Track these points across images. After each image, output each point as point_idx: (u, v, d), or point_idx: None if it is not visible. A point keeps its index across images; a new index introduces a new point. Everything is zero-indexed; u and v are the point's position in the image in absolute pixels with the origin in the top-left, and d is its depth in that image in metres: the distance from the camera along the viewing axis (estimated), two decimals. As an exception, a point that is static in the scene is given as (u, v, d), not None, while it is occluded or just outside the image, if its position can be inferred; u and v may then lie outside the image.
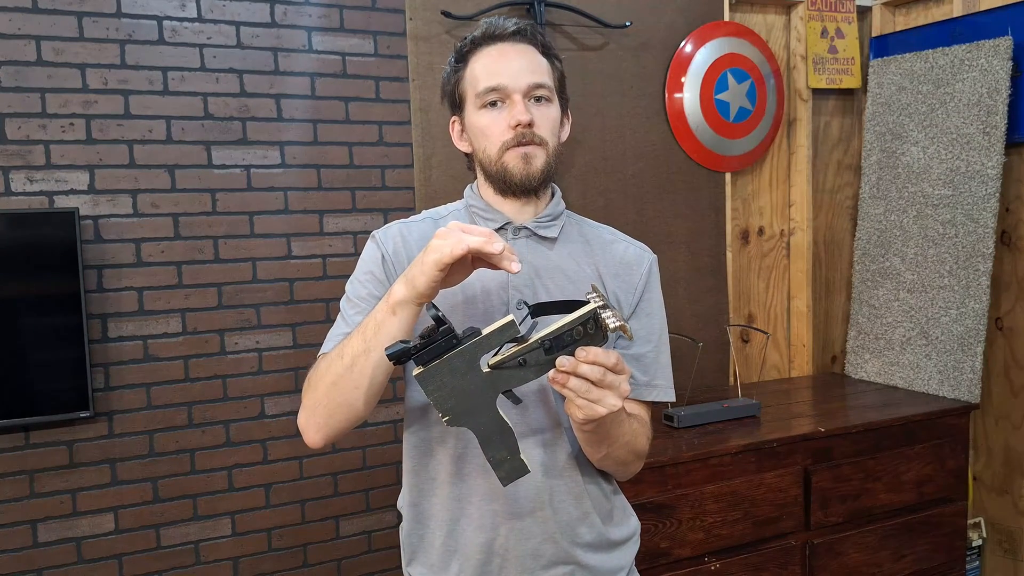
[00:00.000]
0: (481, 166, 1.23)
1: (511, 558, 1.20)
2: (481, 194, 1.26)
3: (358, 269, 1.25)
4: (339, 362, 1.08)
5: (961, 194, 2.48)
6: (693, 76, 2.55)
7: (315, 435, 1.15)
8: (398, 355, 0.96)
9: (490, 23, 1.21)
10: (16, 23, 1.83)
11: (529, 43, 1.21)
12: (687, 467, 1.99)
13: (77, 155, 1.90)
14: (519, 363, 0.97)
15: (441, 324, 0.94)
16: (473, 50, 1.21)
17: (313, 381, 1.14)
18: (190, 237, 2.01)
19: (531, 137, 1.17)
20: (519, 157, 1.18)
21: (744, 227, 2.76)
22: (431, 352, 0.95)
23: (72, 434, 1.92)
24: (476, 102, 1.20)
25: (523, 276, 1.21)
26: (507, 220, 1.23)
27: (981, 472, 2.69)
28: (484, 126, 1.19)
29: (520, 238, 1.23)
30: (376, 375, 1.07)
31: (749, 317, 2.78)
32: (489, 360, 0.97)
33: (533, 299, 1.19)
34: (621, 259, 1.29)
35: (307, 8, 2.09)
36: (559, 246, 1.26)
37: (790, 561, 2.11)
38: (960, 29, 2.58)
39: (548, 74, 1.21)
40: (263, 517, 2.11)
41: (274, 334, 2.10)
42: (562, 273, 1.23)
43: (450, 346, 0.95)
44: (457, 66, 1.23)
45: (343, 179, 2.15)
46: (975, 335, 2.45)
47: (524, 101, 1.17)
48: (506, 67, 1.18)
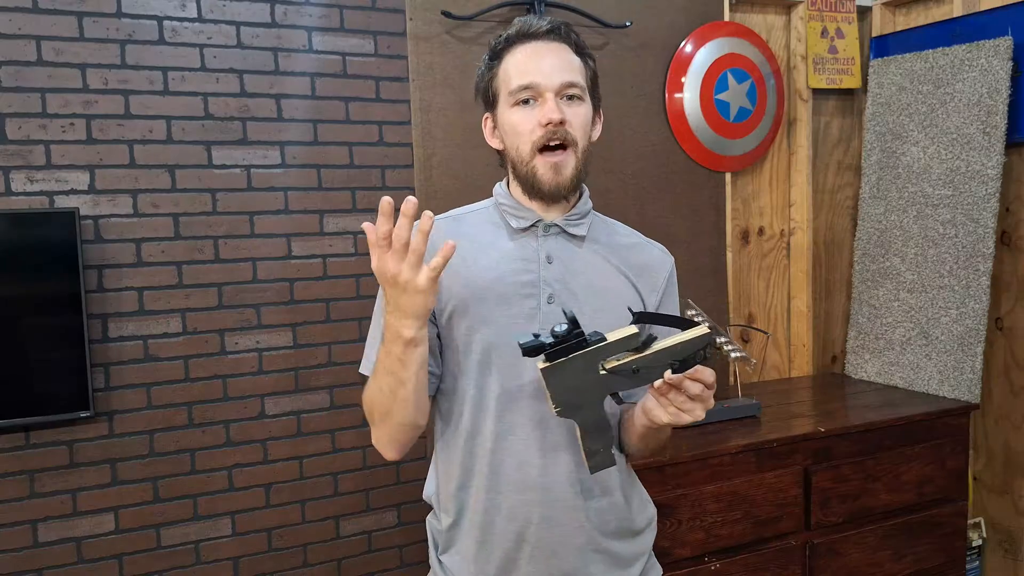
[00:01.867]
0: (512, 165, 1.25)
1: (542, 546, 1.22)
2: (511, 191, 1.28)
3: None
4: (381, 396, 1.15)
5: (961, 194, 2.48)
6: (693, 76, 2.55)
7: (392, 454, 1.22)
8: (533, 351, 1.04)
9: (524, 21, 1.22)
10: (16, 23, 1.83)
11: (563, 42, 1.22)
12: (687, 467, 1.99)
13: (77, 155, 1.90)
14: (633, 370, 1.06)
15: (575, 327, 1.03)
16: (507, 48, 1.22)
17: (368, 409, 1.21)
18: (190, 237, 2.01)
19: (562, 136, 1.18)
20: (549, 167, 1.19)
21: (744, 227, 2.76)
22: (561, 351, 1.04)
23: (72, 434, 1.92)
24: (509, 100, 1.21)
25: (555, 272, 1.23)
26: (538, 218, 1.25)
27: (981, 472, 2.70)
28: (515, 123, 1.20)
29: (551, 235, 1.25)
30: (420, 397, 1.15)
31: (749, 317, 2.78)
32: (606, 363, 1.06)
33: (561, 293, 1.22)
34: (645, 260, 1.33)
35: (307, 8, 2.09)
36: (587, 244, 1.28)
37: (790, 561, 2.11)
38: (960, 29, 2.58)
39: (581, 73, 1.22)
40: (263, 517, 2.11)
41: (274, 334, 2.10)
42: (592, 269, 1.26)
43: (578, 347, 1.04)
44: (491, 63, 1.24)
45: (343, 179, 2.15)
46: (975, 335, 2.45)
47: (556, 99, 1.18)
48: (539, 65, 1.19)
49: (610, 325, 1.10)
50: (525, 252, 1.24)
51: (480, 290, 1.20)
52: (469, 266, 1.22)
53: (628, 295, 1.28)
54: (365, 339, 1.31)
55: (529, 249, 1.24)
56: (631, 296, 1.28)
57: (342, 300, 2.16)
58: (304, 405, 2.14)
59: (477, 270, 1.22)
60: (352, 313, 2.16)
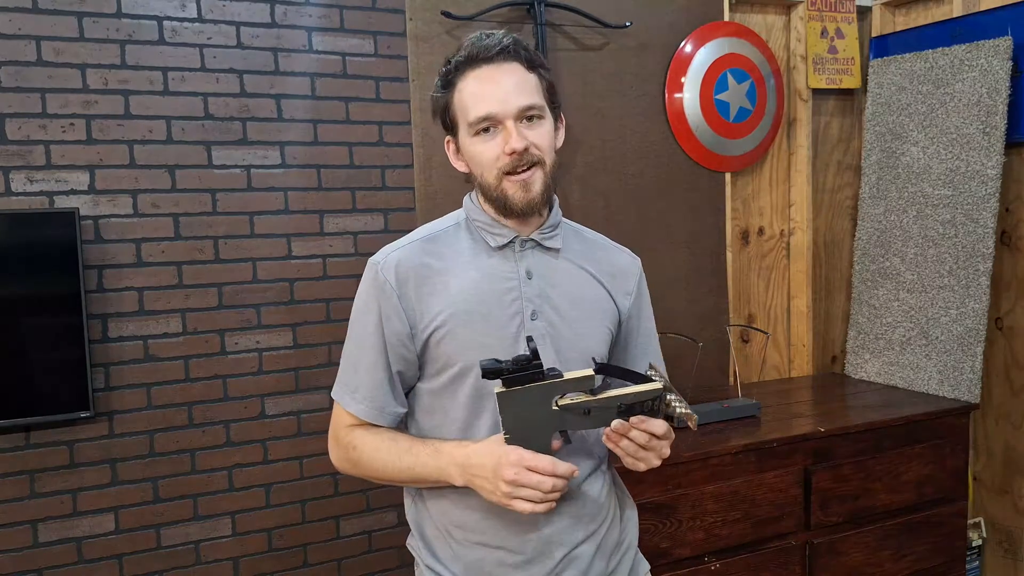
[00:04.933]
0: (481, 190, 1.24)
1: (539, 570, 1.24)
2: (484, 209, 1.26)
3: (362, 310, 1.26)
4: (389, 473, 1.23)
5: (961, 194, 2.48)
6: (693, 76, 2.55)
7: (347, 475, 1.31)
8: (491, 373, 1.08)
9: (473, 44, 1.19)
10: (16, 23, 1.83)
11: (514, 60, 1.19)
12: (687, 467, 1.99)
13: (77, 155, 1.90)
14: (584, 411, 1.10)
15: (535, 359, 1.07)
16: (459, 74, 1.20)
17: (355, 457, 1.25)
18: (190, 237, 2.01)
19: (528, 160, 1.18)
20: (518, 186, 1.18)
21: (744, 227, 2.76)
22: (519, 378, 1.08)
23: (72, 434, 1.92)
24: (468, 130, 1.19)
25: (535, 287, 1.24)
26: (514, 234, 1.24)
27: (981, 472, 2.70)
28: (478, 153, 1.19)
29: (528, 250, 1.25)
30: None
31: (749, 317, 2.78)
32: (560, 400, 1.10)
33: (543, 308, 1.23)
34: (617, 265, 1.35)
35: (307, 8, 2.09)
36: (563, 255, 1.28)
37: (790, 561, 2.11)
38: (960, 29, 2.58)
39: (536, 90, 1.20)
40: (263, 517, 2.11)
41: (274, 334, 2.10)
42: (570, 280, 1.27)
43: (534, 378, 1.08)
44: (444, 91, 1.22)
45: (343, 179, 2.15)
46: (975, 335, 2.45)
47: (517, 125, 1.17)
48: (493, 92, 1.17)
49: (591, 333, 1.14)
50: (505, 269, 1.23)
51: (465, 312, 1.19)
52: (450, 288, 1.21)
53: (604, 302, 1.30)
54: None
55: (508, 266, 1.24)
56: (607, 302, 1.30)
57: (342, 300, 2.15)
58: (304, 405, 2.14)
59: (460, 291, 1.21)
60: (352, 313, 2.16)
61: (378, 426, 1.25)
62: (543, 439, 1.11)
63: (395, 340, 1.22)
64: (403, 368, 1.24)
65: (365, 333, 1.24)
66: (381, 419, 1.25)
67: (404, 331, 1.21)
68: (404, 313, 1.21)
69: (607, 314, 1.30)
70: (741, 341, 2.78)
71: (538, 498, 1.10)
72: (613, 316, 1.31)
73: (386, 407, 1.25)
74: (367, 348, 1.23)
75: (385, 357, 1.23)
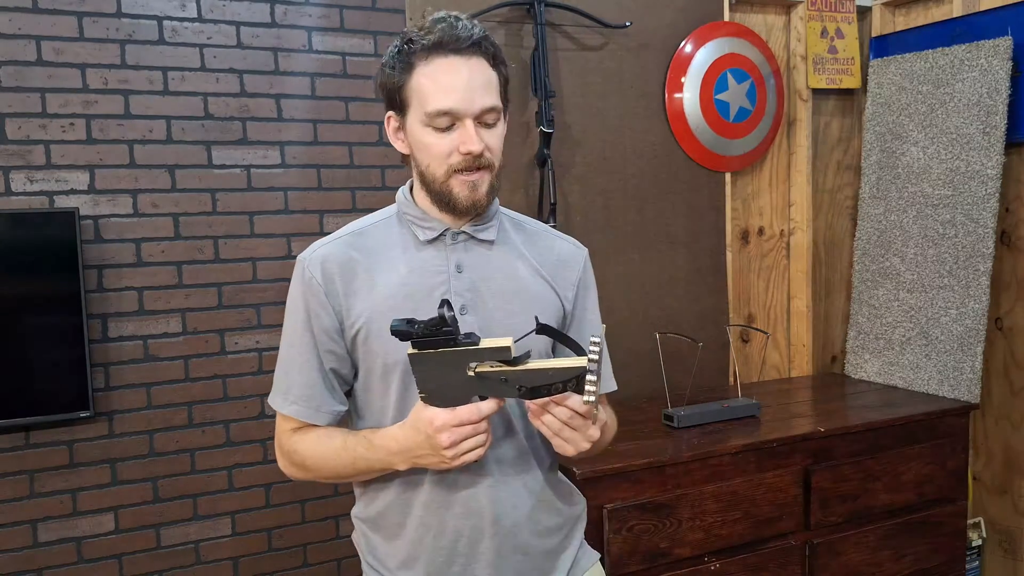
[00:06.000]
0: (421, 178, 1.20)
1: (474, 556, 1.22)
2: (416, 200, 1.24)
3: (291, 309, 1.24)
4: (337, 469, 1.22)
5: (961, 194, 2.48)
6: (693, 76, 2.55)
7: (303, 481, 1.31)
8: (399, 335, 1.05)
9: (444, 31, 1.13)
10: (16, 23, 1.83)
11: (482, 55, 1.16)
12: (687, 467, 1.99)
13: (77, 155, 1.90)
14: (502, 380, 1.06)
15: (444, 324, 1.03)
16: (422, 57, 1.14)
17: (299, 461, 1.24)
18: (190, 237, 2.01)
19: (480, 163, 1.16)
20: (465, 186, 1.16)
21: (744, 227, 2.76)
22: (428, 343, 1.05)
23: (72, 434, 1.92)
24: (423, 118, 1.15)
25: (465, 281, 1.21)
26: (445, 227, 1.22)
27: (981, 472, 2.70)
28: (430, 144, 1.16)
29: (459, 243, 1.23)
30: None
31: (749, 317, 2.78)
32: (478, 368, 1.06)
33: (475, 302, 1.20)
34: (558, 255, 1.31)
35: (307, 8, 2.09)
36: (498, 246, 1.25)
37: (790, 561, 2.11)
38: (960, 29, 2.58)
39: (497, 91, 1.17)
40: (263, 517, 2.11)
41: (274, 334, 2.10)
42: (502, 274, 1.24)
43: (447, 343, 1.05)
44: (402, 69, 1.16)
45: (343, 179, 2.15)
46: (975, 335, 2.45)
47: (475, 126, 1.14)
48: (458, 88, 1.13)
49: (525, 327, 1.10)
50: (434, 263, 1.21)
51: (391, 308, 1.16)
52: (377, 283, 1.19)
53: (544, 294, 1.26)
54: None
55: (438, 260, 1.21)
56: (547, 295, 1.26)
57: (342, 300, 2.16)
58: (304, 405, 2.13)
59: (387, 287, 1.19)
60: (352, 313, 2.16)
61: (318, 426, 1.23)
62: (460, 401, 1.08)
63: (324, 337, 1.20)
64: (336, 365, 1.22)
65: (295, 332, 1.22)
66: (318, 418, 1.22)
67: (333, 326, 1.20)
68: (332, 308, 1.19)
69: (547, 306, 1.25)
70: (741, 341, 2.78)
71: (480, 442, 1.10)
72: (555, 308, 1.27)
73: (322, 406, 1.22)
74: (298, 347, 1.21)
75: (316, 354, 1.20)
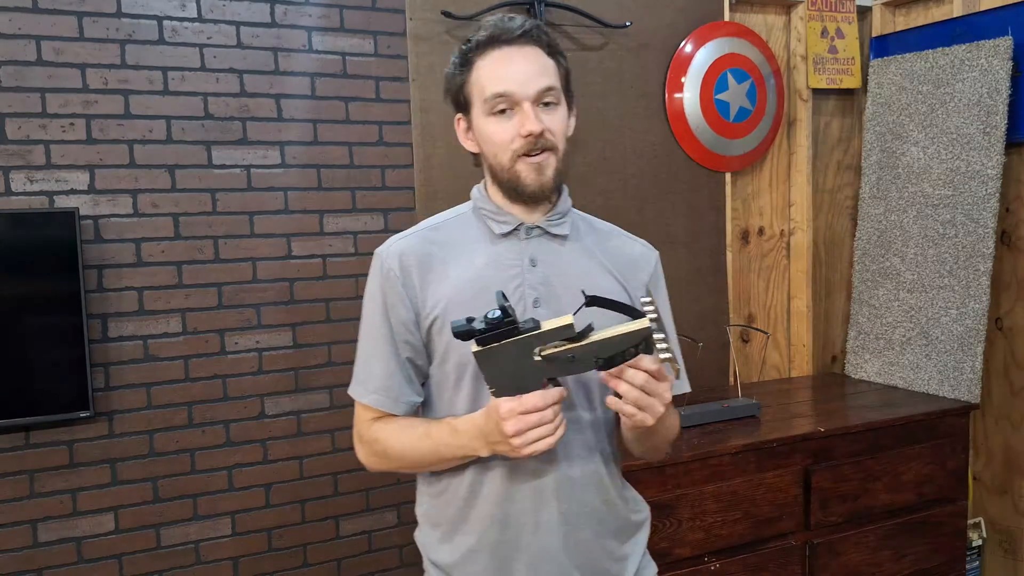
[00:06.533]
0: (491, 171, 1.24)
1: (537, 551, 1.22)
2: (490, 195, 1.26)
3: (369, 301, 1.27)
4: (417, 459, 1.23)
5: (961, 194, 2.48)
6: (693, 76, 2.55)
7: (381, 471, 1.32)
8: (462, 334, 1.06)
9: (495, 25, 1.19)
10: (16, 23, 1.83)
11: (536, 44, 1.20)
12: (687, 467, 1.99)
13: (77, 155, 1.90)
14: (569, 358, 1.06)
15: (506, 315, 1.03)
16: (479, 52, 1.20)
17: (380, 451, 1.26)
18: (190, 237, 2.01)
19: (542, 144, 1.18)
20: (532, 168, 1.18)
21: (744, 227, 2.76)
22: (492, 336, 1.05)
23: (72, 434, 1.92)
24: (484, 108, 1.19)
25: (539, 275, 1.23)
26: (519, 222, 1.24)
27: (981, 472, 2.70)
28: (493, 133, 1.19)
29: (533, 237, 1.24)
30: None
31: (749, 317, 2.78)
32: (543, 351, 1.06)
33: (547, 296, 1.22)
34: (628, 256, 1.32)
35: (307, 8, 2.09)
36: (570, 243, 1.27)
37: (790, 561, 2.11)
38: (960, 29, 2.58)
39: (555, 75, 1.20)
40: (263, 517, 2.11)
41: (274, 334, 2.10)
42: (575, 269, 1.25)
43: (509, 334, 1.05)
44: (462, 68, 1.22)
45: (343, 179, 2.15)
46: (975, 335, 2.45)
47: (534, 108, 1.17)
48: (514, 73, 1.17)
49: (597, 324, 1.10)
50: (509, 257, 1.23)
51: (465, 300, 1.19)
52: (451, 276, 1.21)
53: (615, 292, 1.27)
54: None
55: (512, 253, 1.23)
56: (619, 293, 1.27)
57: (342, 300, 2.16)
58: (304, 405, 2.14)
59: (461, 279, 1.21)
60: (352, 313, 2.16)
61: (396, 416, 1.26)
62: (531, 388, 1.09)
63: (401, 328, 1.22)
64: (412, 355, 1.24)
65: (373, 324, 1.25)
66: (396, 408, 1.25)
67: (409, 318, 1.22)
68: (408, 300, 1.22)
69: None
70: (741, 341, 2.78)
71: (549, 431, 1.09)
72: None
73: (400, 396, 1.25)
74: (376, 338, 1.24)
75: (394, 345, 1.23)
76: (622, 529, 1.30)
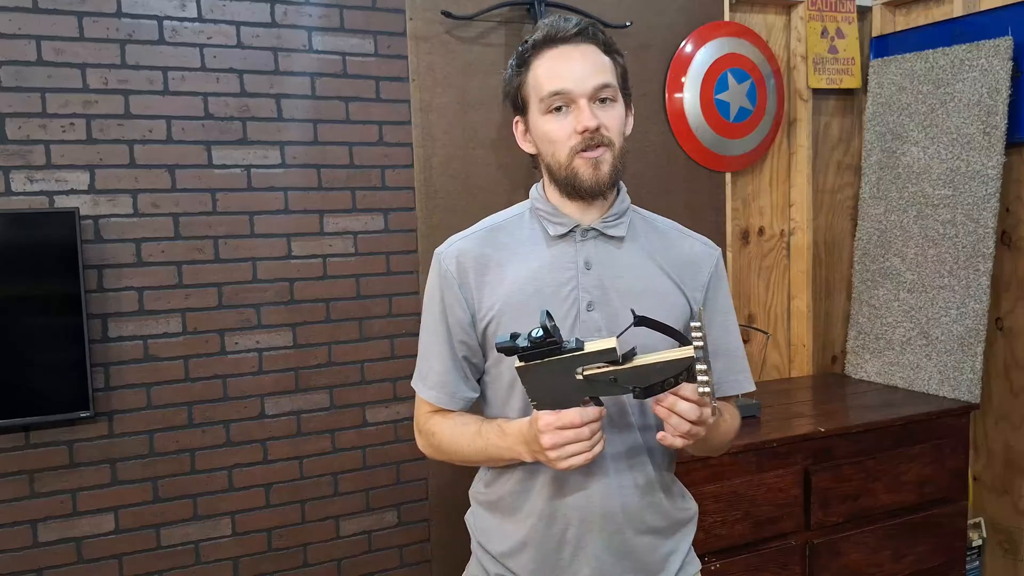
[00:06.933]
0: (548, 170, 1.24)
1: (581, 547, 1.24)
2: (547, 196, 1.27)
3: (428, 300, 1.30)
4: (470, 453, 1.26)
5: (961, 194, 2.48)
6: (693, 76, 2.55)
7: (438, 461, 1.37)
8: (505, 351, 1.08)
9: (551, 25, 1.21)
10: (16, 23, 1.83)
11: (591, 42, 1.21)
12: (687, 467, 1.99)
13: (77, 155, 1.90)
14: (611, 380, 1.07)
15: (549, 336, 1.05)
16: (535, 53, 1.21)
17: (436, 443, 1.30)
18: (190, 237, 2.01)
19: (599, 140, 1.18)
20: (588, 164, 1.18)
21: (744, 227, 2.76)
22: (535, 355, 1.07)
23: (72, 434, 1.92)
24: (540, 107, 1.20)
25: (594, 278, 1.23)
26: (575, 223, 1.24)
27: (981, 472, 2.70)
28: (550, 131, 1.20)
29: (589, 239, 1.25)
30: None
31: (749, 317, 2.78)
32: (586, 371, 1.07)
33: (601, 299, 1.22)
34: (688, 256, 1.31)
35: (307, 8, 2.09)
36: (627, 243, 1.27)
37: (790, 561, 2.11)
38: (960, 29, 2.58)
39: (611, 72, 1.21)
40: (263, 517, 2.11)
41: (274, 334, 2.10)
42: (631, 272, 1.25)
43: (552, 352, 1.06)
44: (519, 69, 1.23)
45: (343, 179, 2.15)
46: (975, 335, 2.45)
47: (590, 104, 1.17)
48: (570, 70, 1.18)
49: (645, 341, 1.10)
50: (563, 259, 1.24)
51: (520, 302, 1.21)
52: (507, 277, 1.23)
53: (671, 295, 1.26)
54: (366, 339, 1.32)
55: (567, 256, 1.24)
56: (674, 295, 1.27)
57: (342, 300, 2.15)
58: (304, 405, 2.14)
59: (516, 281, 1.23)
60: (352, 313, 2.16)
61: (453, 411, 1.29)
62: (572, 404, 1.10)
63: (458, 328, 1.25)
64: (468, 354, 1.27)
65: (432, 322, 1.28)
66: (452, 404, 1.29)
67: (466, 319, 1.25)
68: (465, 301, 1.24)
69: (674, 308, 1.26)
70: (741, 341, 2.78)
71: (585, 448, 1.10)
72: (682, 309, 1.27)
73: (456, 392, 1.28)
74: (434, 336, 1.28)
75: (450, 344, 1.26)
76: (668, 527, 1.31)
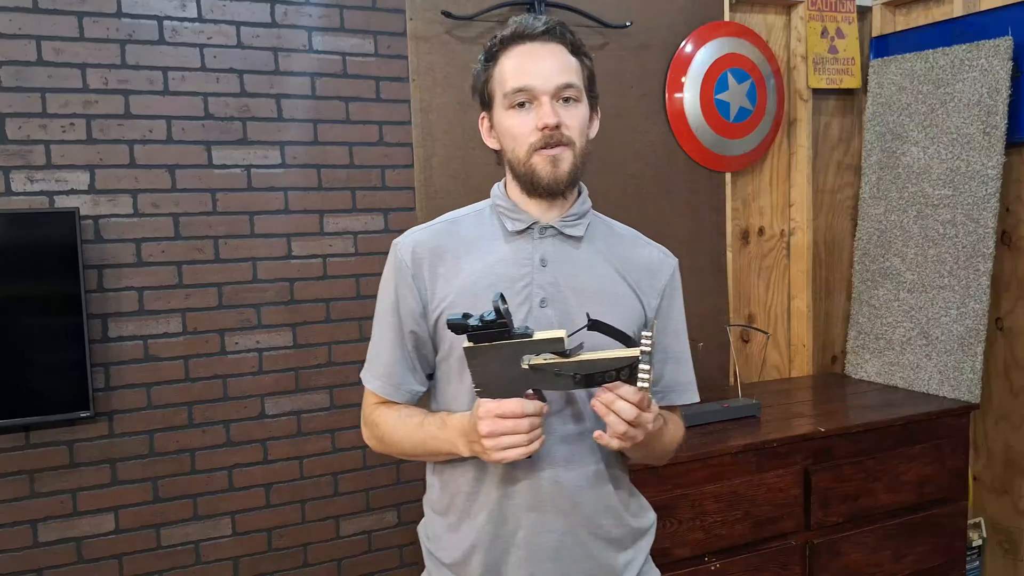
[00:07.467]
0: (510, 165, 1.25)
1: (532, 551, 1.22)
2: (508, 193, 1.27)
3: (382, 290, 1.30)
4: (409, 448, 1.26)
5: (961, 194, 2.48)
6: (693, 76, 2.55)
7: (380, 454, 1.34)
8: (455, 328, 1.07)
9: (520, 22, 1.21)
10: (16, 23, 1.83)
11: (559, 42, 1.21)
12: (687, 467, 1.99)
13: (77, 155, 1.90)
14: (554, 373, 1.07)
15: (500, 317, 1.04)
16: (503, 49, 1.22)
17: (379, 435, 1.29)
18: (190, 237, 2.01)
19: (558, 138, 1.18)
20: (547, 160, 1.19)
21: (744, 227, 2.76)
22: (484, 336, 1.06)
23: (72, 434, 1.92)
24: (504, 102, 1.21)
25: (549, 275, 1.23)
26: (533, 220, 1.24)
27: (981, 472, 2.70)
28: (511, 126, 1.21)
29: (547, 237, 1.25)
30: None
31: (749, 317, 2.78)
32: (530, 360, 1.07)
33: (555, 296, 1.22)
34: (645, 262, 1.31)
35: (307, 8, 2.09)
36: (585, 244, 1.27)
37: (790, 561, 2.11)
38: (960, 29, 2.58)
39: (577, 73, 1.22)
40: (263, 517, 2.11)
41: (274, 334, 2.10)
42: (586, 272, 1.25)
43: (501, 336, 1.06)
44: (487, 64, 1.24)
45: (343, 179, 2.15)
46: (975, 335, 2.45)
47: (552, 102, 1.18)
48: (535, 68, 1.19)
49: (596, 346, 1.10)
50: (519, 255, 1.23)
51: (474, 295, 1.20)
52: (462, 270, 1.23)
53: (626, 297, 1.26)
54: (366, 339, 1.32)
55: (524, 252, 1.24)
56: (630, 298, 1.27)
57: (342, 300, 2.16)
58: (304, 405, 2.14)
59: (472, 274, 1.22)
60: (352, 313, 2.16)
61: (399, 403, 1.29)
62: (516, 395, 1.10)
63: (409, 319, 1.25)
64: (418, 346, 1.27)
65: (384, 312, 1.28)
66: (397, 395, 1.28)
67: (417, 309, 1.24)
68: (418, 291, 1.24)
69: (628, 310, 1.25)
70: (741, 341, 2.78)
71: (522, 441, 1.09)
72: (637, 313, 1.26)
73: (403, 384, 1.27)
74: (385, 326, 1.27)
75: (400, 335, 1.26)
76: (624, 536, 1.30)
